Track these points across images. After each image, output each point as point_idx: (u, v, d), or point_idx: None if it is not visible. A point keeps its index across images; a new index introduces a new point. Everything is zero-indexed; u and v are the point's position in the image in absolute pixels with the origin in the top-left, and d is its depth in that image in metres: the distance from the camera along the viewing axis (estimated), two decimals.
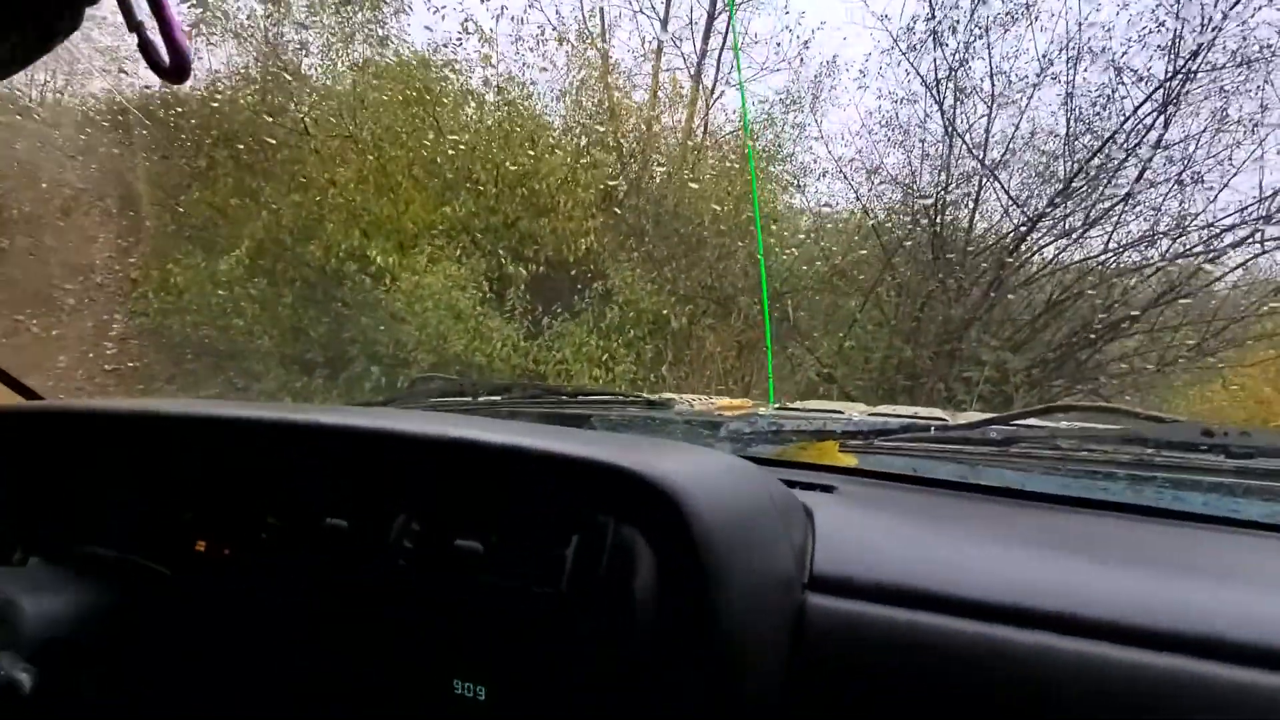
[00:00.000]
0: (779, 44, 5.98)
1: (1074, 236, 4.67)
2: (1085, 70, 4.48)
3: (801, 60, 5.96)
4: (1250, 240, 4.32)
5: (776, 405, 1.70)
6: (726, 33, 6.55)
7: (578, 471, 0.56)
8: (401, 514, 0.61)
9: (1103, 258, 4.64)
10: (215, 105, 5.38)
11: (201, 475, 0.71)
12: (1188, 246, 4.49)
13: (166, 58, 0.46)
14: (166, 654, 0.68)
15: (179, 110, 5.46)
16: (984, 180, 4.81)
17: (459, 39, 5.41)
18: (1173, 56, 4.17)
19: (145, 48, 0.46)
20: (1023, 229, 4.71)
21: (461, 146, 5.21)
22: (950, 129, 4.82)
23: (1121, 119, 4.35)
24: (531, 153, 5.23)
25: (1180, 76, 4.17)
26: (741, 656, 0.52)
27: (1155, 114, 4.28)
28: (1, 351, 5.26)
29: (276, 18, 5.72)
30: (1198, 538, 0.73)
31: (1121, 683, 0.49)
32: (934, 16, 4.67)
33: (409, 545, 0.60)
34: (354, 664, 0.61)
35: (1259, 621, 0.50)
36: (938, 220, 4.90)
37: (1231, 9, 3.91)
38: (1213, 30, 4.04)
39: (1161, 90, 4.21)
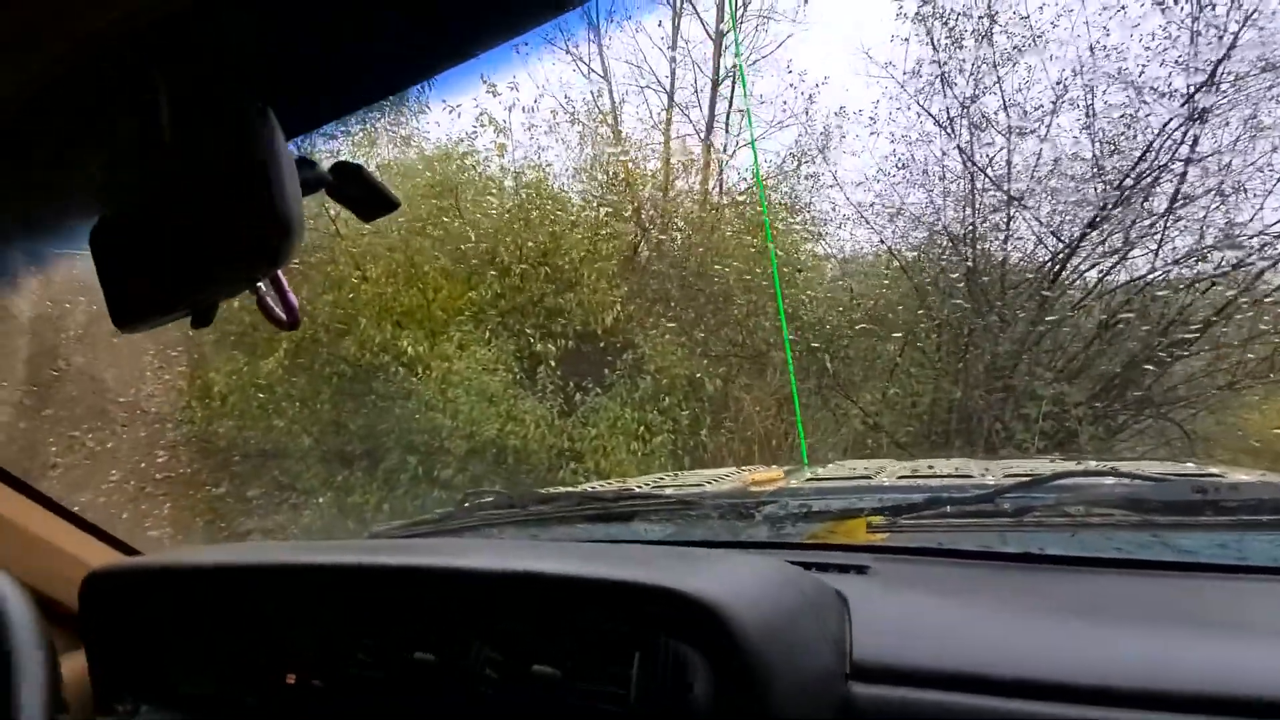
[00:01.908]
0: (785, 102, 6.09)
1: (1116, 258, 4.49)
2: (1104, 93, 4.41)
3: (808, 114, 6.05)
4: None
5: (808, 474, 1.74)
6: (732, 95, 6.71)
7: (634, 595, 0.62)
8: (482, 643, 0.66)
9: (1150, 276, 4.44)
10: None
11: (292, 617, 0.78)
12: (1240, 257, 4.28)
13: (282, 313, 0.57)
14: None
15: None
16: (1012, 211, 4.70)
17: (474, 133, 5.63)
18: (1191, 70, 4.08)
19: (262, 304, 0.57)
20: (1061, 255, 4.55)
21: (485, 231, 5.34)
22: (969, 164, 4.75)
23: (1149, 136, 4.24)
24: (553, 230, 5.33)
25: (1203, 89, 4.06)
26: None
27: (1183, 128, 4.16)
28: (59, 466, 5.44)
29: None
30: (1207, 587, 0.76)
31: None
32: (939, 60, 4.69)
33: (491, 673, 0.65)
34: None
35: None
36: (969, 255, 4.77)
37: (1247, 19, 3.83)
38: (1230, 39, 3.95)
39: (1187, 105, 4.09)
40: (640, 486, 1.66)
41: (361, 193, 0.59)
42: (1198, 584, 0.77)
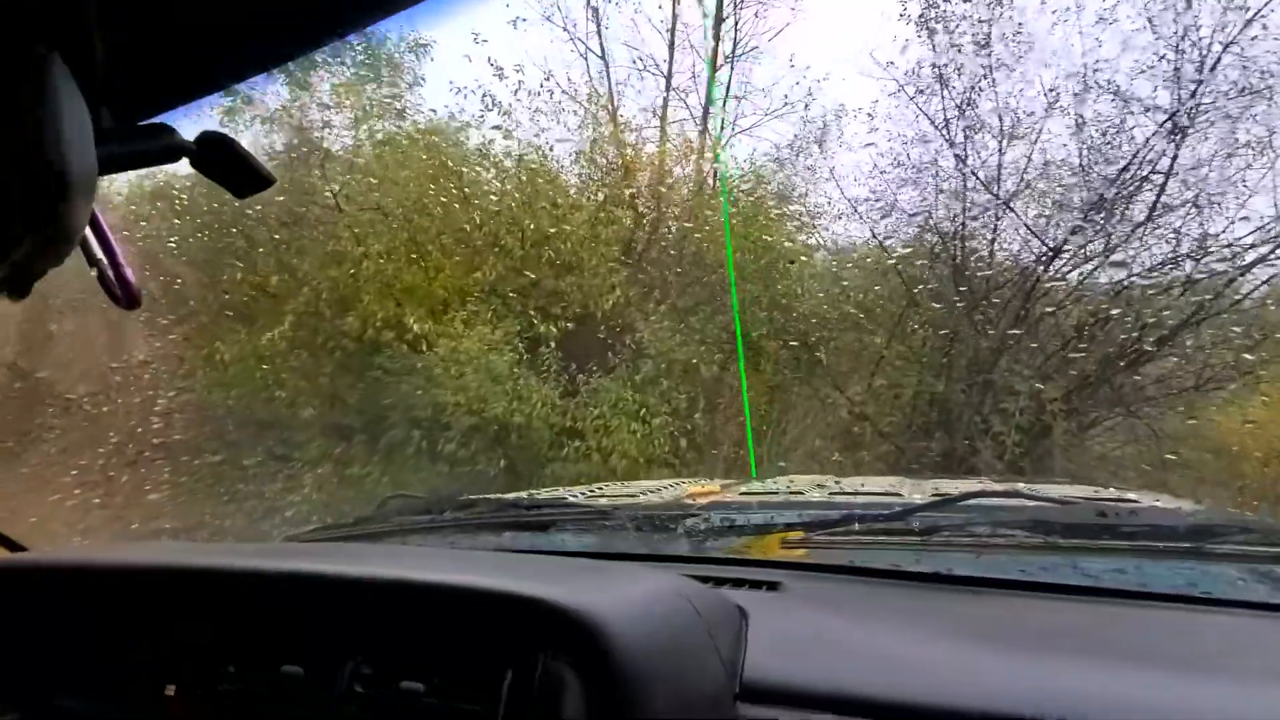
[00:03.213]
0: (785, 94, 6.18)
1: (1096, 263, 4.71)
2: (1094, 102, 4.59)
3: (807, 106, 6.14)
4: (1273, 257, 4.34)
5: (743, 488, 1.76)
6: (730, 83, 6.77)
7: (506, 606, 0.59)
8: (352, 658, 0.62)
9: (1128, 281, 4.67)
10: None
11: (169, 623, 0.73)
12: (1212, 267, 4.51)
13: (119, 292, 0.55)
14: None
15: (206, 191, 5.71)
16: (1001, 212, 4.88)
17: (481, 115, 5.66)
18: (1176, 87, 4.26)
19: (103, 281, 0.54)
20: (1045, 257, 4.76)
21: (488, 212, 5.41)
22: (962, 165, 4.92)
23: (1134, 147, 4.43)
24: (554, 213, 5.41)
25: (1186, 106, 4.25)
26: None
27: (1166, 142, 4.35)
28: (57, 428, 5.47)
29: (303, 100, 6.02)
30: (1107, 612, 0.78)
31: None
32: (937, 63, 4.83)
33: (359, 689, 0.61)
34: None
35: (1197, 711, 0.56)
36: (957, 254, 4.96)
37: (1228, 44, 4.01)
38: (1213, 60, 4.14)
39: (1170, 120, 4.29)
40: (575, 495, 1.66)
41: (229, 166, 0.55)
42: (1098, 609, 0.79)
